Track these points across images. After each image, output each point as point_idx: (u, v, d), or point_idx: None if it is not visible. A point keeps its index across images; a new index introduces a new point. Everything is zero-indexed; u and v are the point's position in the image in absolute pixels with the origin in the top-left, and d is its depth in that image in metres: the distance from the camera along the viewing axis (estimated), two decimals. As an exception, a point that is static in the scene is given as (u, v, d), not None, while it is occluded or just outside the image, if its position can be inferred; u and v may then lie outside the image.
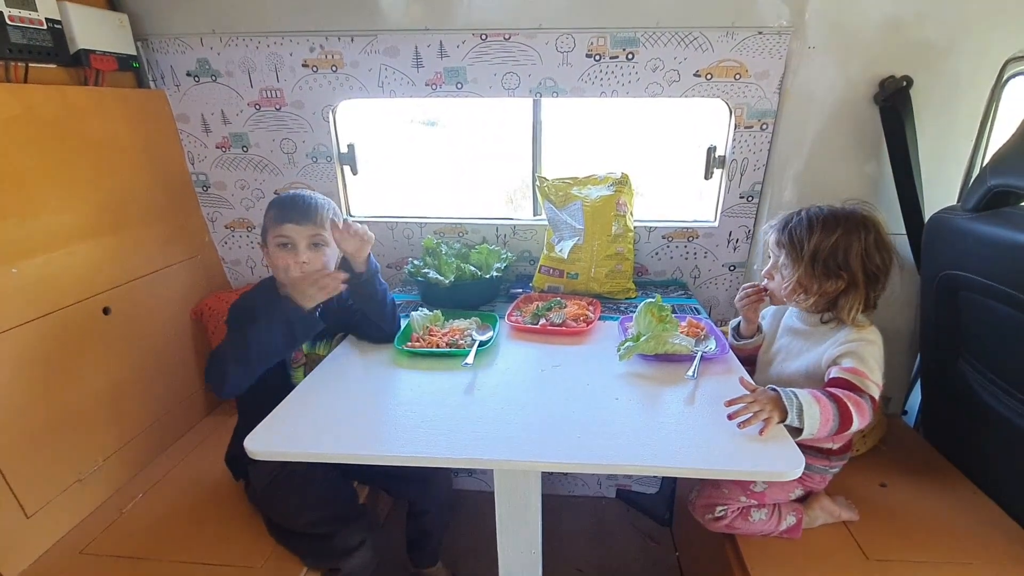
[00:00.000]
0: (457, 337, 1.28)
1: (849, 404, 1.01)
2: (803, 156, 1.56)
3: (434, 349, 1.24)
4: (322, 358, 1.27)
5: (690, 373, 1.10)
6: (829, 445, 1.21)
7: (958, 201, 1.50)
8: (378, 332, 1.29)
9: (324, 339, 1.37)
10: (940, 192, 1.51)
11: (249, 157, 1.76)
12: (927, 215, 1.45)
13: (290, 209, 1.23)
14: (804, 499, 1.23)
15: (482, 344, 1.24)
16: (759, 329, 1.35)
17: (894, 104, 1.44)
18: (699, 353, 1.17)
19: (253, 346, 1.13)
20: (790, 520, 1.17)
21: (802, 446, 1.21)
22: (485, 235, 1.79)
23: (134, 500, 1.36)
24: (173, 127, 1.73)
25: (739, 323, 1.37)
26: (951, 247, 1.33)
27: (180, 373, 1.67)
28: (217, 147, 1.75)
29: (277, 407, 1.03)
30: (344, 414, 1.02)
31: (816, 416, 0.98)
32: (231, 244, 1.89)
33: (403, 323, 1.34)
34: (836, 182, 1.56)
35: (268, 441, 0.94)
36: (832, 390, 1.04)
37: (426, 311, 1.38)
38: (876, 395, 1.07)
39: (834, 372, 1.10)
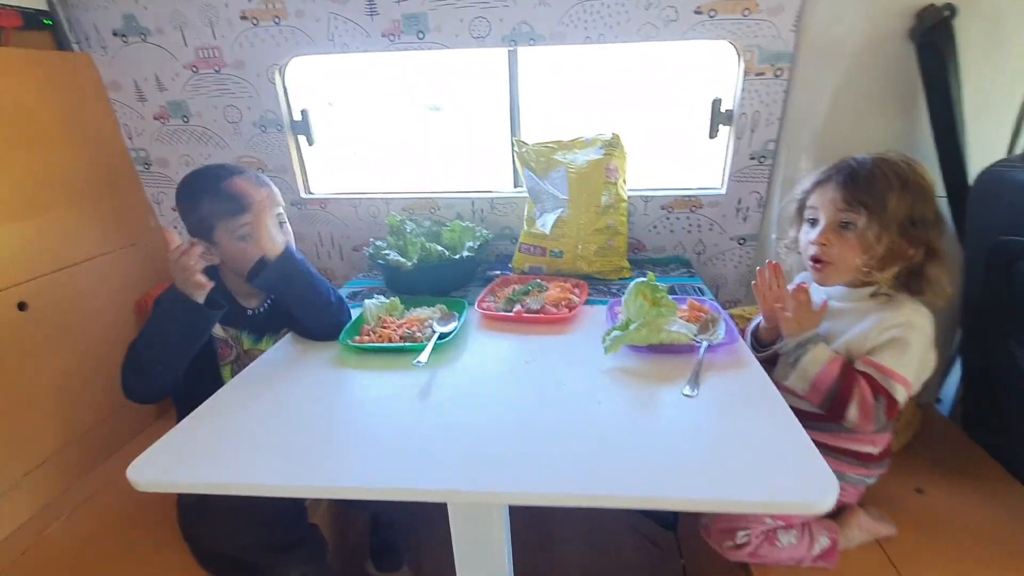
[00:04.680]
0: (414, 329, 1.09)
1: (852, 401, 0.90)
2: (825, 106, 1.33)
3: (384, 344, 1.04)
4: None
5: (687, 391, 0.86)
6: (869, 449, 1.02)
7: (1008, 155, 1.28)
8: (314, 330, 1.10)
9: (269, 333, 1.19)
10: (986, 146, 1.28)
11: (191, 129, 1.55)
12: (972, 172, 1.23)
13: (237, 196, 1.04)
14: (836, 514, 1.03)
15: (442, 337, 1.04)
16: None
17: (933, 40, 1.20)
18: (703, 343, 0.97)
19: (143, 344, 0.97)
20: (823, 542, 0.97)
21: (836, 451, 1.03)
22: (460, 210, 1.58)
23: (57, 521, 1.19)
24: (104, 96, 1.53)
25: (758, 324, 1.13)
26: (1007, 208, 1.10)
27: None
28: (155, 118, 1.55)
29: (180, 423, 0.84)
30: (266, 429, 0.82)
31: (807, 380, 0.94)
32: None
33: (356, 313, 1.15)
34: (864, 136, 1.33)
35: (160, 467, 0.75)
36: (863, 383, 0.91)
37: (382, 299, 1.19)
38: (900, 398, 0.90)
39: (860, 365, 0.94)
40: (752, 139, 1.41)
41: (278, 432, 0.82)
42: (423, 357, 0.95)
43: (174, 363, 0.99)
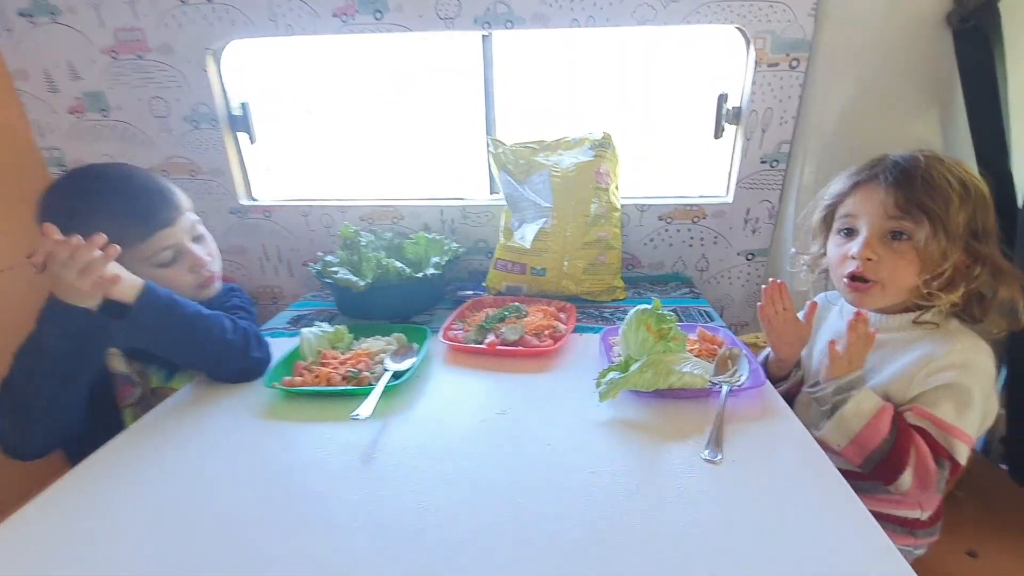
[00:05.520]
0: (361, 366, 0.87)
1: (907, 466, 0.72)
2: (848, 104, 1.15)
3: (320, 387, 0.82)
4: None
5: (708, 454, 0.66)
6: (916, 514, 0.83)
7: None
8: (218, 377, 0.88)
9: (184, 369, 0.96)
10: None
11: (111, 124, 1.33)
12: (1019, 181, 1.06)
13: (147, 209, 0.84)
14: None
15: (397, 376, 0.83)
16: (798, 363, 0.94)
17: (979, 24, 1.03)
18: (724, 387, 0.77)
19: (19, 376, 0.74)
20: None
21: (876, 516, 0.85)
22: (427, 220, 1.37)
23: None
24: (8, 86, 1.30)
25: (767, 357, 0.95)
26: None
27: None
28: (70, 112, 1.32)
29: (32, 502, 0.61)
30: (143, 515, 0.60)
31: (846, 436, 0.76)
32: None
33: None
34: (892, 138, 1.15)
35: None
36: (920, 443, 0.73)
37: (324, 327, 0.97)
38: (963, 460, 0.73)
39: (912, 417, 0.76)
40: (763, 140, 1.22)
41: (157, 520, 0.59)
42: (363, 410, 0.72)
43: (64, 398, 0.76)
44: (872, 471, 0.76)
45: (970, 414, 0.74)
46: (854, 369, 0.78)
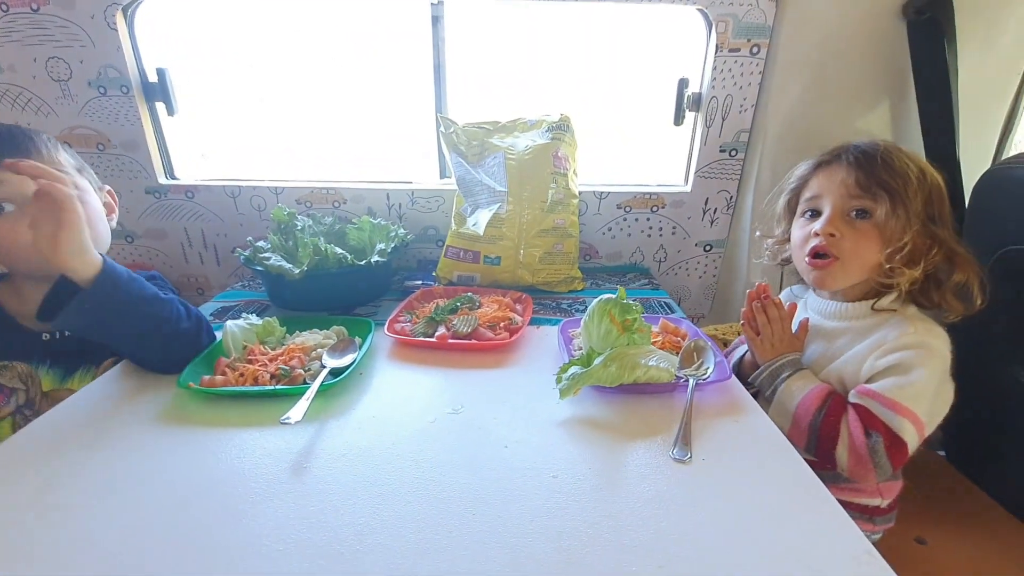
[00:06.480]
0: (294, 363, 0.77)
1: (838, 440, 0.73)
2: (804, 93, 1.14)
3: (244, 388, 0.72)
4: None
5: (677, 453, 0.62)
6: (876, 502, 0.84)
7: (996, 157, 1.14)
8: (159, 365, 0.78)
9: (86, 366, 0.84)
10: (976, 144, 1.13)
11: (3, 88, 1.15)
12: (968, 171, 1.07)
13: None
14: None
15: (335, 375, 0.74)
16: None
17: (933, 15, 1.04)
18: (691, 380, 0.72)
19: None
20: None
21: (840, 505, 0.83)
22: (372, 204, 1.27)
23: None
24: None
25: (743, 357, 0.92)
26: (1016, 214, 0.94)
27: None
28: (-49, 72, 1.14)
29: None
30: (21, 550, 0.49)
31: (786, 416, 0.78)
32: None
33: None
34: (846, 130, 1.15)
35: None
36: (852, 416, 0.74)
37: (252, 319, 0.86)
38: (909, 439, 0.71)
39: (854, 396, 0.76)
40: (723, 128, 1.19)
41: (36, 556, 0.48)
42: (295, 413, 0.63)
43: None
44: (816, 453, 0.76)
45: (916, 391, 0.72)
46: (780, 352, 0.81)
